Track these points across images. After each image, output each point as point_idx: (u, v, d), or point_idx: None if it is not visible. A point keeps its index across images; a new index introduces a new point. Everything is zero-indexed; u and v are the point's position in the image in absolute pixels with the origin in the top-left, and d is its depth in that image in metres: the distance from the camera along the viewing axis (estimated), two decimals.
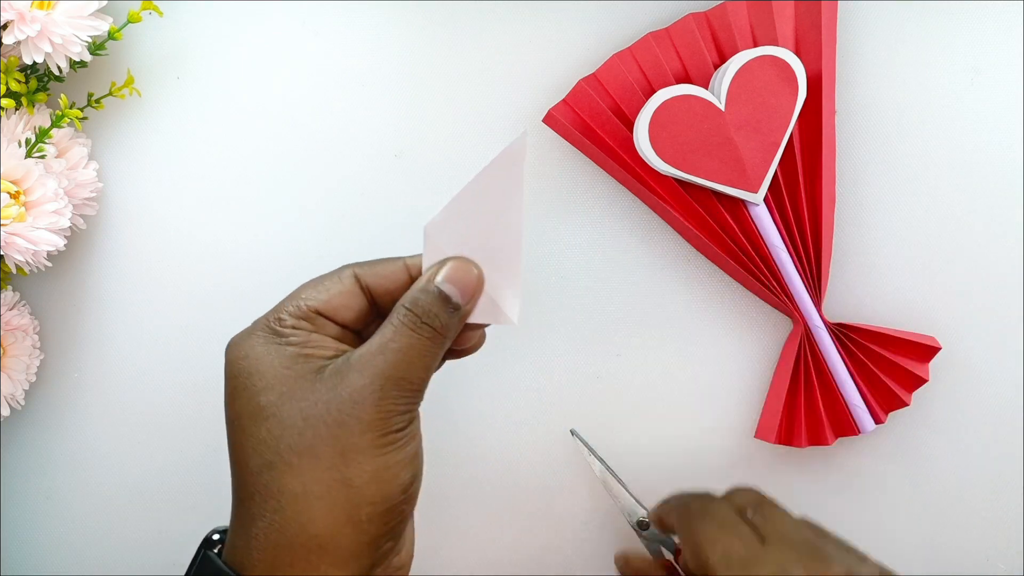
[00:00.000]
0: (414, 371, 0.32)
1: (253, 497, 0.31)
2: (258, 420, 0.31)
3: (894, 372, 0.45)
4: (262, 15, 0.47)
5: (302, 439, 0.31)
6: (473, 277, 0.34)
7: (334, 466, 0.31)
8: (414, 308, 0.33)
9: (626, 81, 0.44)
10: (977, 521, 0.47)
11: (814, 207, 0.44)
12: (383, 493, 0.31)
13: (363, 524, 0.31)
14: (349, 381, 0.31)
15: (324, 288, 0.34)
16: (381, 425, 0.31)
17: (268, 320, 0.33)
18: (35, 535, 0.49)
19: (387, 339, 0.32)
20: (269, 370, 0.32)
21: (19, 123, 0.43)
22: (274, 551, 0.31)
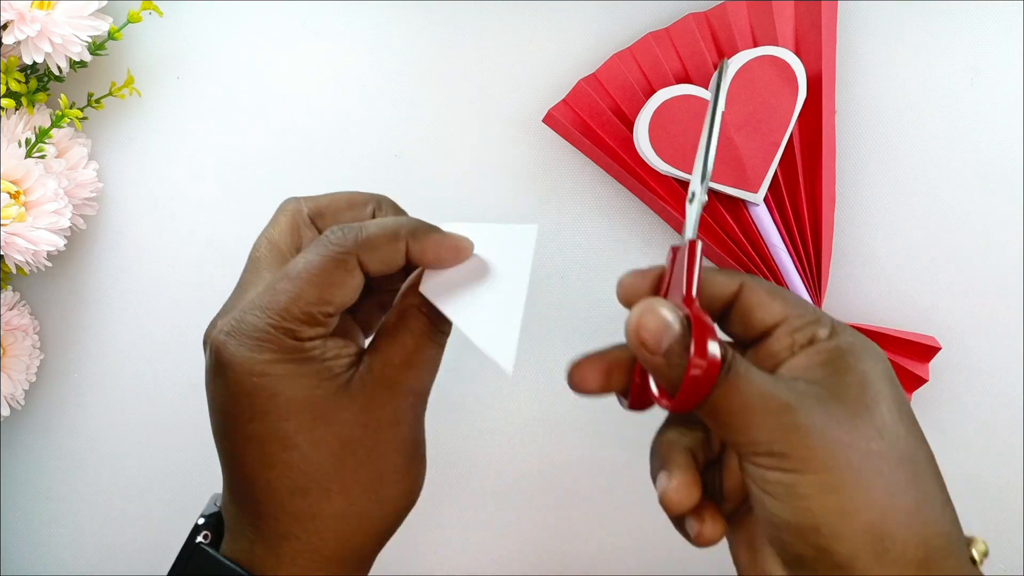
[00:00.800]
0: (432, 382, 0.33)
1: (280, 519, 0.31)
2: (287, 446, 0.30)
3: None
4: (262, 15, 0.47)
5: (341, 465, 0.31)
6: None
7: (371, 490, 0.31)
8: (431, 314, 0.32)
9: (626, 81, 0.44)
10: (977, 521, 0.47)
11: (814, 207, 0.44)
12: (407, 504, 0.33)
13: (385, 535, 0.32)
14: (384, 403, 0.31)
15: (337, 287, 0.30)
16: (413, 445, 0.32)
17: (277, 333, 0.30)
18: (35, 535, 0.48)
19: (410, 351, 0.31)
20: (295, 392, 0.30)
21: (19, 123, 0.43)
22: (308, 564, 0.31)
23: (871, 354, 0.30)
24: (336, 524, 0.31)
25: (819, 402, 0.28)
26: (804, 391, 0.28)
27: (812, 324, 0.30)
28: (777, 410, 0.28)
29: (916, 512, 0.28)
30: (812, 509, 0.27)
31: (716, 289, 0.32)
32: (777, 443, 0.27)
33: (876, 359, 0.30)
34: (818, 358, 0.30)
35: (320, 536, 0.31)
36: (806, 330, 0.30)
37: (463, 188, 0.47)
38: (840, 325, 0.31)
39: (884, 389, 0.29)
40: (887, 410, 0.28)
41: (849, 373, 0.29)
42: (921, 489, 0.28)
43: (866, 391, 0.28)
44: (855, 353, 0.30)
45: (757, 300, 0.31)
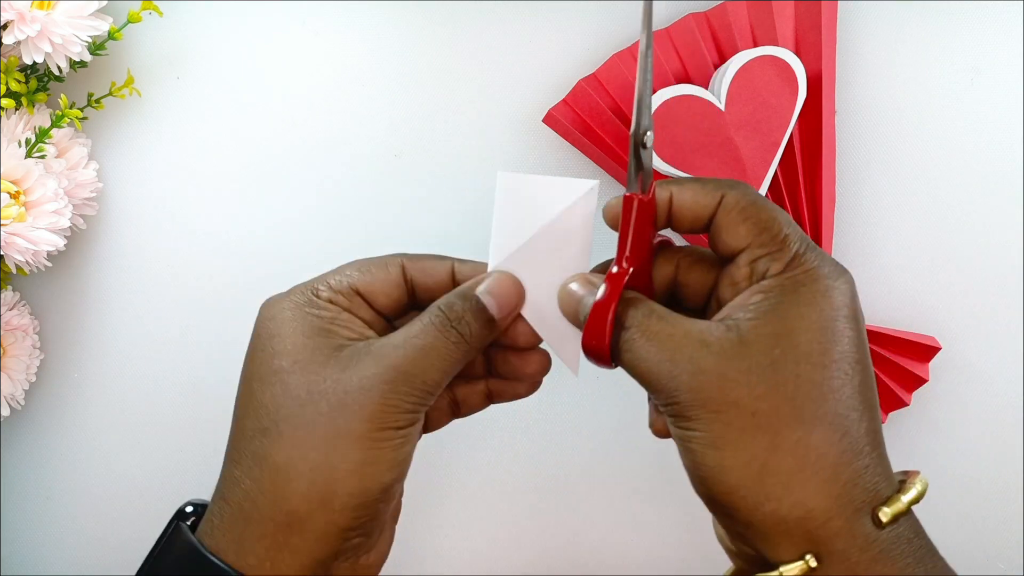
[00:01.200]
0: (430, 371, 0.31)
1: (239, 462, 0.31)
2: (266, 384, 0.31)
3: (894, 372, 0.45)
4: (262, 15, 0.47)
5: (301, 412, 0.31)
6: (514, 294, 0.34)
7: (323, 447, 0.30)
8: (447, 311, 0.32)
9: (626, 81, 0.44)
10: (977, 521, 0.47)
11: (814, 207, 0.44)
12: (362, 487, 0.31)
13: (335, 512, 0.30)
14: (363, 366, 0.31)
15: (369, 271, 0.34)
16: (381, 418, 0.31)
17: (306, 287, 0.33)
18: (35, 535, 0.49)
19: (412, 334, 0.32)
20: (290, 336, 0.32)
21: (19, 123, 0.43)
22: (246, 520, 0.31)
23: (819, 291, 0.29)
24: (277, 476, 0.30)
25: (720, 356, 0.29)
26: (712, 341, 0.29)
27: (772, 255, 0.30)
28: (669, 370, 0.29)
29: (797, 472, 0.28)
30: (697, 461, 0.29)
31: (687, 209, 0.32)
32: (671, 396, 0.29)
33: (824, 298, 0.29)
34: (754, 297, 0.30)
35: (260, 485, 0.31)
36: (765, 260, 0.30)
37: (463, 188, 0.47)
38: (803, 257, 0.30)
39: (803, 339, 0.28)
40: (794, 363, 0.28)
41: (769, 319, 0.29)
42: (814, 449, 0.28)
43: (778, 343, 0.28)
44: (794, 296, 0.29)
45: (727, 221, 0.31)
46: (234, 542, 0.31)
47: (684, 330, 0.30)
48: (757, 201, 0.31)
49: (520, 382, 0.36)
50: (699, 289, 0.34)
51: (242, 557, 0.31)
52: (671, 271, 0.34)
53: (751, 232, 0.31)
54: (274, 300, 0.33)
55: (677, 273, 0.34)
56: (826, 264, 0.30)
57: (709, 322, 0.30)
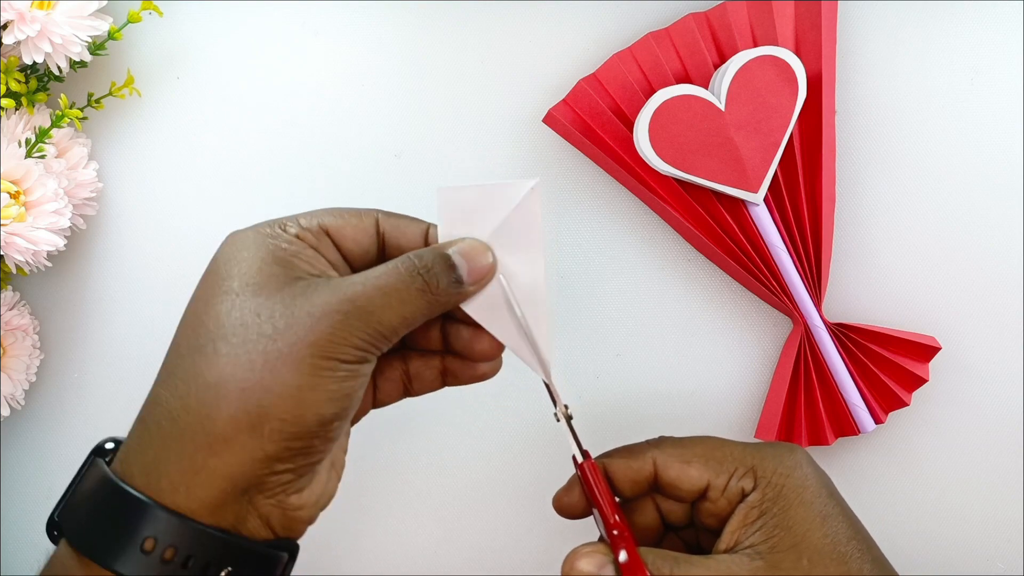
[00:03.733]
0: (387, 314, 0.30)
1: (167, 380, 0.30)
2: (211, 303, 0.30)
3: (894, 372, 0.45)
4: (262, 15, 0.47)
5: (242, 331, 0.29)
6: (486, 263, 0.33)
7: (260, 367, 0.29)
8: (416, 259, 0.32)
9: (626, 81, 0.44)
10: (977, 521, 0.47)
11: (814, 207, 0.44)
12: (296, 413, 0.29)
13: (263, 439, 0.29)
14: (317, 295, 0.30)
15: (341, 216, 0.33)
16: (327, 347, 0.29)
17: (274, 221, 0.32)
18: (35, 535, 0.48)
19: (375, 274, 0.31)
20: (248, 260, 0.31)
21: (19, 123, 0.43)
22: (163, 442, 0.29)
23: (795, 487, 0.33)
24: (205, 394, 0.29)
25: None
26: (747, 575, 0.32)
27: (735, 478, 0.34)
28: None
29: None
30: None
31: (630, 480, 0.35)
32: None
33: (802, 489, 0.33)
34: (752, 516, 0.33)
35: (185, 403, 0.29)
36: (732, 486, 0.34)
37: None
38: (759, 461, 0.34)
39: (816, 538, 0.32)
40: (822, 567, 0.32)
41: (783, 536, 0.32)
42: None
43: (802, 554, 0.32)
44: (782, 501, 0.33)
45: (675, 474, 0.35)
46: (147, 465, 0.30)
47: (715, 571, 0.32)
48: (684, 443, 0.35)
49: (475, 363, 0.36)
50: (682, 519, 0.37)
51: (154, 480, 0.29)
52: (653, 513, 0.37)
53: (703, 470, 0.34)
54: (238, 231, 0.32)
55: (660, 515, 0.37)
56: (780, 453, 0.34)
57: (730, 556, 0.32)
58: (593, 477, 0.35)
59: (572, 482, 0.36)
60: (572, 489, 0.36)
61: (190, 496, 0.29)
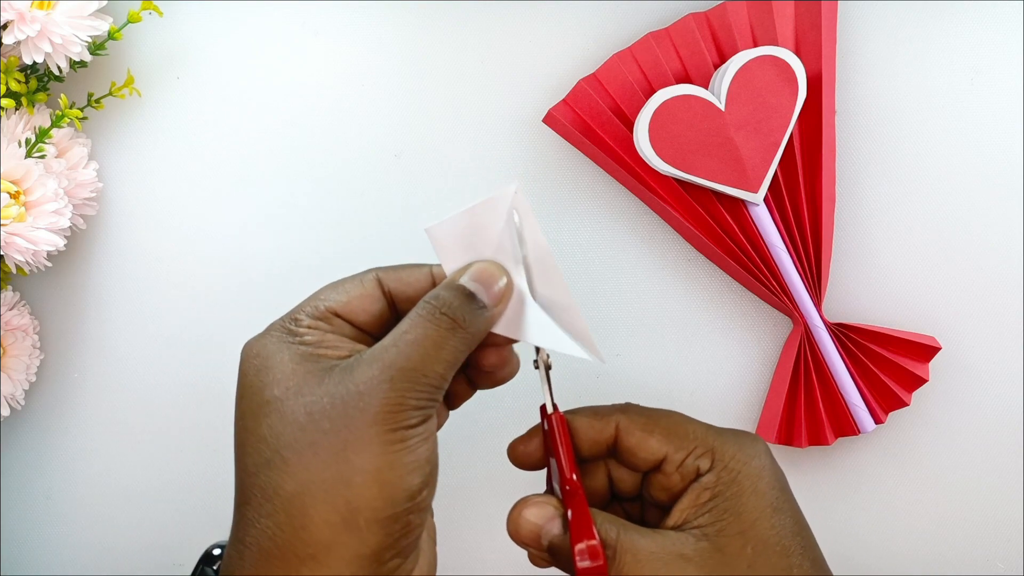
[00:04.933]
0: (429, 363, 0.30)
1: (250, 501, 0.30)
2: (260, 417, 0.30)
3: (894, 372, 0.45)
4: (262, 15, 0.47)
5: (303, 435, 0.29)
6: (502, 280, 0.33)
7: (333, 463, 0.28)
8: (433, 300, 0.31)
9: (626, 81, 0.44)
10: (977, 521, 0.47)
11: (814, 207, 0.44)
12: (386, 496, 0.29)
13: (362, 531, 0.28)
14: (358, 374, 0.29)
15: (344, 290, 0.33)
16: (390, 419, 0.29)
17: (284, 321, 0.32)
18: (35, 535, 0.49)
19: (402, 331, 0.30)
20: (278, 366, 0.30)
21: (19, 123, 0.43)
22: (266, 559, 0.29)
23: (751, 475, 0.33)
24: (292, 506, 0.28)
25: (702, 568, 0.31)
26: (691, 554, 0.32)
27: (693, 456, 0.33)
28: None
29: None
30: None
31: (591, 439, 0.35)
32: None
33: (757, 479, 0.33)
34: (704, 497, 0.33)
35: (276, 519, 0.29)
36: (689, 463, 0.33)
37: (463, 188, 0.47)
38: (720, 443, 0.34)
39: (764, 528, 0.32)
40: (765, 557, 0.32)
41: (731, 520, 0.32)
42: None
43: (747, 542, 0.32)
44: (736, 486, 0.33)
45: (635, 441, 0.34)
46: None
47: (661, 546, 0.32)
48: (649, 413, 0.35)
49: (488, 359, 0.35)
50: (631, 490, 0.36)
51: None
52: (604, 478, 0.37)
53: (663, 442, 0.34)
54: (254, 340, 0.32)
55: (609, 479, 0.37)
56: (741, 440, 0.34)
57: (676, 533, 0.32)
58: (559, 429, 0.34)
59: (533, 432, 0.36)
60: (531, 439, 0.36)
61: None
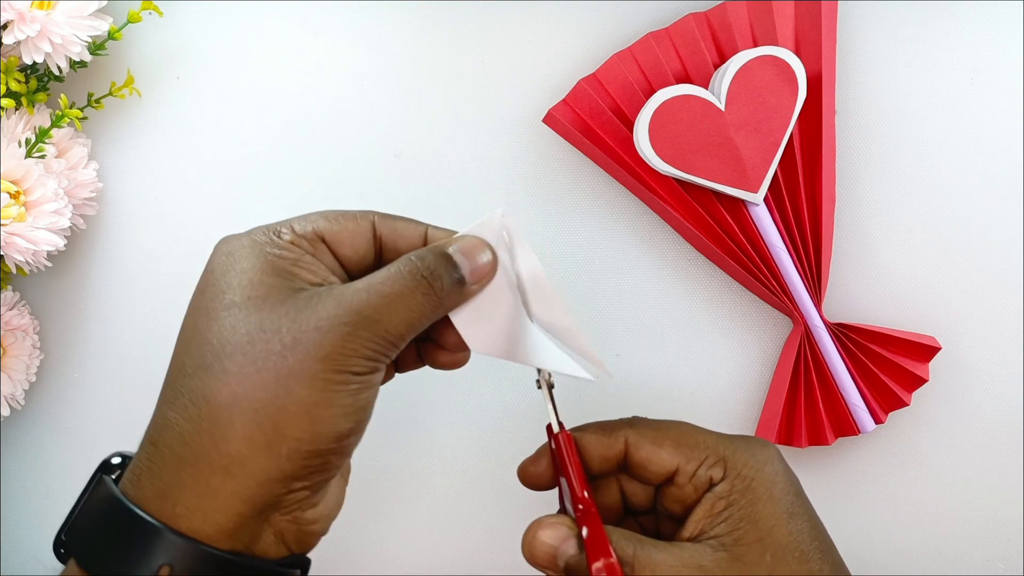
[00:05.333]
0: (394, 320, 0.30)
1: (175, 401, 0.29)
2: (213, 318, 0.29)
3: (894, 372, 0.45)
4: (262, 15, 0.47)
5: (251, 349, 0.28)
6: (486, 259, 0.32)
7: (273, 386, 0.28)
8: (419, 261, 0.31)
9: (626, 81, 0.44)
10: (977, 521, 0.47)
11: (814, 207, 0.44)
12: (313, 431, 0.28)
13: (281, 458, 0.28)
14: (322, 307, 0.29)
15: (336, 220, 0.32)
16: (338, 360, 0.29)
17: (268, 228, 0.31)
18: (35, 535, 0.49)
19: (379, 280, 0.30)
20: (246, 272, 0.30)
21: (19, 123, 0.43)
22: (177, 463, 0.28)
23: (764, 481, 0.33)
24: (218, 414, 0.28)
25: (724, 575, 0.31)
26: (710, 565, 0.31)
27: (705, 466, 0.33)
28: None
29: None
30: None
31: (600, 455, 0.35)
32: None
33: (771, 485, 0.33)
34: (718, 507, 0.32)
35: (197, 425, 0.28)
36: (701, 473, 0.33)
37: (463, 188, 0.47)
38: (731, 452, 0.33)
39: (781, 535, 0.32)
40: (784, 564, 0.32)
41: (748, 529, 0.32)
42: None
43: (766, 549, 0.32)
44: (751, 494, 0.32)
45: (645, 455, 0.34)
46: (161, 490, 0.29)
47: (679, 559, 0.31)
48: (658, 425, 0.35)
49: (442, 349, 0.35)
50: (644, 503, 0.36)
51: (168, 506, 0.28)
52: (616, 494, 0.36)
53: (674, 453, 0.34)
54: (231, 237, 0.31)
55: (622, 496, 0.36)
56: (752, 447, 0.34)
57: (694, 545, 0.32)
58: (567, 448, 0.34)
59: (541, 452, 0.36)
60: (541, 459, 0.36)
61: (206, 521, 0.28)
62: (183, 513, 0.28)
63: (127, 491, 0.29)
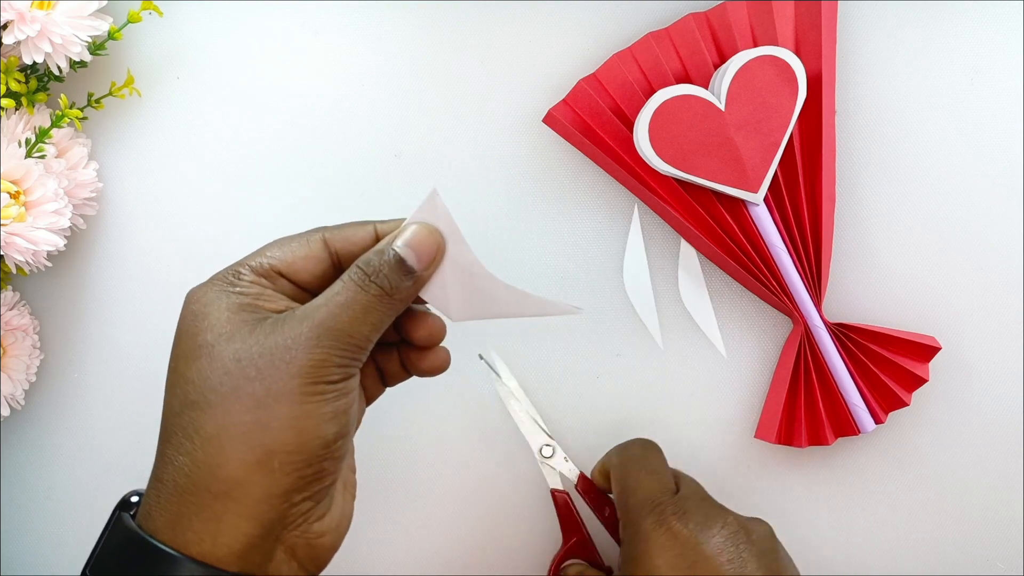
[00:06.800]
0: (356, 326, 0.31)
1: (170, 440, 0.31)
2: (191, 360, 0.31)
3: (894, 372, 0.45)
4: (262, 15, 0.47)
5: (228, 379, 0.30)
6: (432, 242, 0.34)
7: (254, 408, 0.30)
8: (364, 266, 0.32)
9: (626, 81, 0.44)
10: (977, 521, 0.47)
11: (814, 207, 0.44)
12: (300, 442, 0.30)
13: (275, 473, 0.30)
14: (287, 328, 0.31)
15: (289, 248, 0.34)
16: (311, 373, 0.30)
17: (227, 272, 0.33)
18: (35, 535, 0.49)
19: (333, 292, 0.32)
20: (214, 313, 0.32)
21: (19, 123, 0.43)
22: (181, 497, 0.30)
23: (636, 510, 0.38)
24: (210, 445, 0.30)
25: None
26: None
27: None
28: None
29: None
30: None
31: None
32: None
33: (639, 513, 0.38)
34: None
35: (193, 457, 0.30)
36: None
37: (463, 188, 0.47)
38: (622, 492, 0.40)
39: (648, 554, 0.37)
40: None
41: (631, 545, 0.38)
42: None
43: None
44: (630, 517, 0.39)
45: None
46: (171, 520, 0.30)
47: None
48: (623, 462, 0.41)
49: (423, 352, 0.36)
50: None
51: (180, 534, 0.30)
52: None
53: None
54: (197, 288, 0.33)
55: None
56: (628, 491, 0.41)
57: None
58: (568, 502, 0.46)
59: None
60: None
61: (216, 545, 0.30)
62: (194, 540, 0.30)
63: (142, 524, 0.31)
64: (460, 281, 0.35)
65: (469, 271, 0.34)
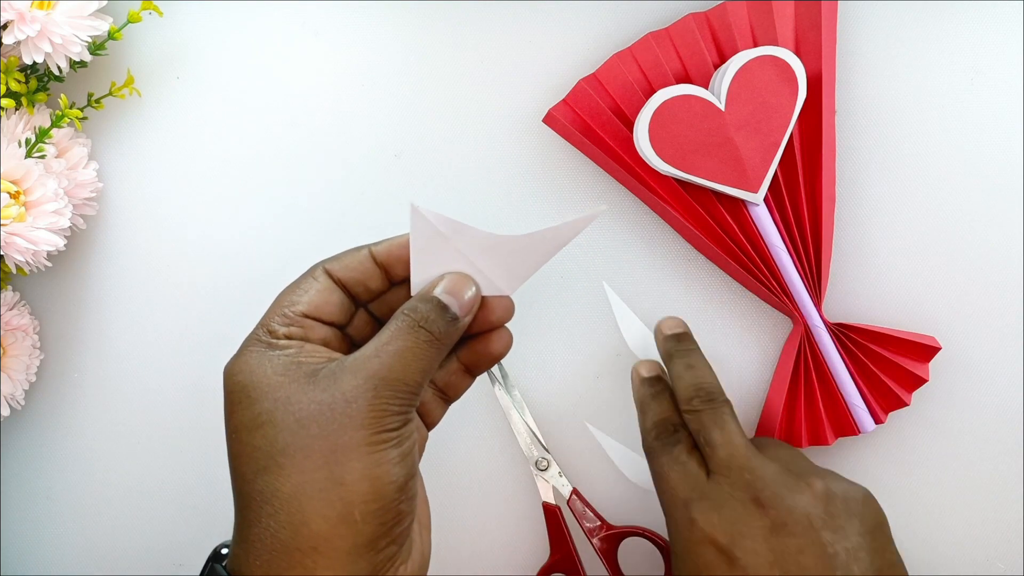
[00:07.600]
0: (409, 373, 0.32)
1: (249, 505, 0.32)
2: (253, 429, 0.32)
3: (894, 372, 0.45)
4: (262, 15, 0.47)
5: (295, 440, 0.31)
6: (471, 293, 0.35)
7: (325, 465, 0.31)
8: (412, 313, 0.34)
9: (626, 81, 0.44)
10: (977, 521, 0.47)
11: (814, 207, 0.44)
12: (376, 491, 0.31)
13: (358, 524, 0.31)
14: (343, 382, 0.32)
15: (303, 290, 0.34)
16: (374, 424, 0.31)
17: (258, 335, 0.34)
18: (35, 535, 0.49)
19: (383, 342, 0.33)
20: (263, 380, 0.32)
21: (19, 123, 0.43)
22: (271, 556, 0.31)
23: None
24: (290, 505, 0.31)
25: None
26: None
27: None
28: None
29: None
30: None
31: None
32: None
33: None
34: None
35: (277, 519, 0.31)
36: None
37: (463, 188, 0.47)
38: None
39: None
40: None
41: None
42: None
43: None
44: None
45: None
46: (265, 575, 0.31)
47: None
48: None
49: (488, 343, 0.37)
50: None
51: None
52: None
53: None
54: (234, 360, 0.33)
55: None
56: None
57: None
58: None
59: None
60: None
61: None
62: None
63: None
64: (491, 262, 0.36)
65: (491, 248, 0.35)
